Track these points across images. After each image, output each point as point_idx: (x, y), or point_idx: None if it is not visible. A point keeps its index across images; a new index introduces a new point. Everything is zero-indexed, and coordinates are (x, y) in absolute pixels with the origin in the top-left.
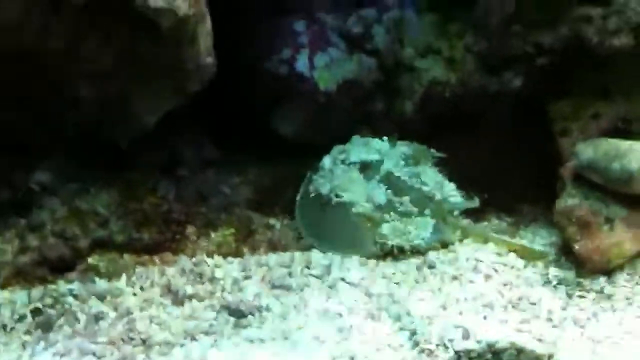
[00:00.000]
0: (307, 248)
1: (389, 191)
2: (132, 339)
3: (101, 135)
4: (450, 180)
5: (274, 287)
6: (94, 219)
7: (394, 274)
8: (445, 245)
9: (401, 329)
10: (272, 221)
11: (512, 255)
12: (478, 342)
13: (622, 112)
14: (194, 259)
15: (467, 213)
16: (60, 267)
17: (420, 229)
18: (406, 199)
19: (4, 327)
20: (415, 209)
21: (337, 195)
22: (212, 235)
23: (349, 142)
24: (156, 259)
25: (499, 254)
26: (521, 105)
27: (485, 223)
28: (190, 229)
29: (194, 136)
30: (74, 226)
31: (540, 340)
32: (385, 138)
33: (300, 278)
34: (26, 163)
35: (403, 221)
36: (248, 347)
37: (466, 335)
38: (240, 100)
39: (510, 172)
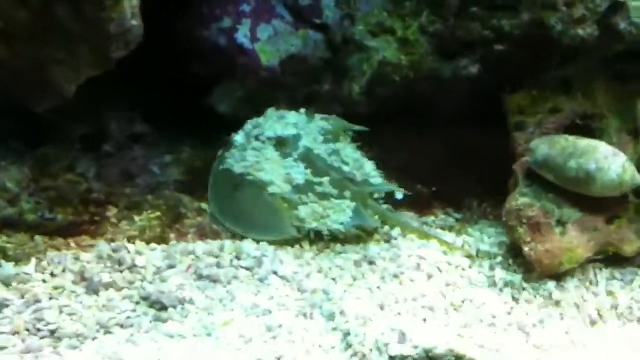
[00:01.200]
0: (240, 237)
1: (307, 170)
2: (39, 330)
3: (15, 102)
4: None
5: (200, 278)
6: (2, 196)
7: (330, 269)
8: (364, 230)
9: (334, 329)
10: (203, 205)
11: (458, 253)
12: (415, 347)
13: (583, 108)
14: (113, 245)
15: (413, 206)
16: None
17: (340, 213)
18: (326, 179)
19: None
20: (335, 191)
21: (250, 175)
22: (136, 218)
23: (263, 116)
24: (71, 242)
25: (444, 252)
26: (476, 94)
27: (432, 218)
28: (111, 211)
29: (121, 110)
30: None
31: (482, 346)
32: (302, 111)
33: (229, 269)
34: None
35: (322, 204)
36: (167, 343)
37: (402, 339)
38: (176, 72)
39: (462, 166)
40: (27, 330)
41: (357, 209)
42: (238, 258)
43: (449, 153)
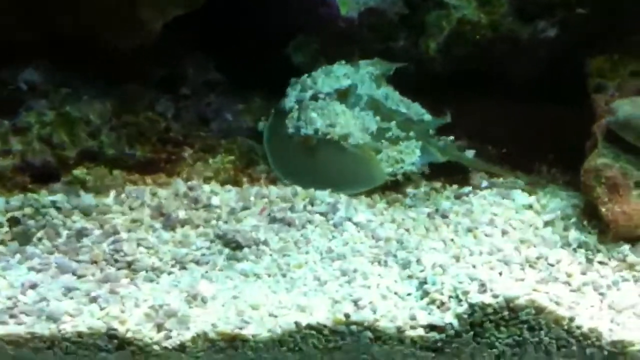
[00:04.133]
0: None
1: (376, 117)
2: (116, 260)
3: (101, 39)
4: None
5: (274, 221)
6: (84, 128)
7: (403, 219)
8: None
9: (410, 277)
10: None
11: (531, 212)
12: (495, 296)
13: None
14: (189, 183)
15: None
16: (43, 176)
17: (410, 154)
18: (392, 123)
19: None
20: (402, 133)
21: (326, 133)
22: (210, 160)
23: (305, 77)
24: (148, 178)
25: (516, 211)
26: (553, 58)
27: (501, 179)
28: (187, 152)
29: (198, 56)
30: (62, 133)
31: (557, 303)
32: (342, 62)
33: (302, 214)
34: (16, 61)
35: (394, 148)
36: (242, 281)
37: (482, 289)
38: (253, 21)
39: (534, 130)
40: (105, 260)
41: (423, 147)
42: (312, 204)
43: (521, 116)
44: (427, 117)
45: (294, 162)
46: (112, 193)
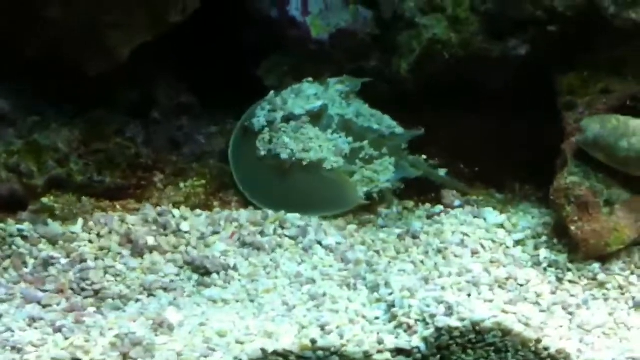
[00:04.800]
0: None
1: (349, 138)
2: (83, 289)
3: (68, 64)
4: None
5: (243, 245)
6: (52, 156)
7: (373, 241)
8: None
9: (378, 300)
10: None
11: (502, 231)
12: (461, 319)
13: (633, 90)
14: (158, 209)
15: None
16: (11, 205)
17: (385, 172)
18: (365, 142)
19: None
20: (375, 152)
21: (300, 158)
22: (181, 185)
23: (272, 96)
24: (117, 205)
25: (487, 230)
26: (525, 75)
27: (474, 198)
28: (157, 177)
29: (169, 79)
30: (30, 161)
31: (527, 324)
32: (310, 80)
33: (272, 238)
34: None
35: (368, 167)
36: (210, 308)
37: (449, 312)
38: (224, 44)
39: (507, 147)
40: (72, 289)
41: (397, 163)
42: (282, 227)
43: (493, 134)
44: (399, 129)
45: (265, 184)
46: (80, 221)
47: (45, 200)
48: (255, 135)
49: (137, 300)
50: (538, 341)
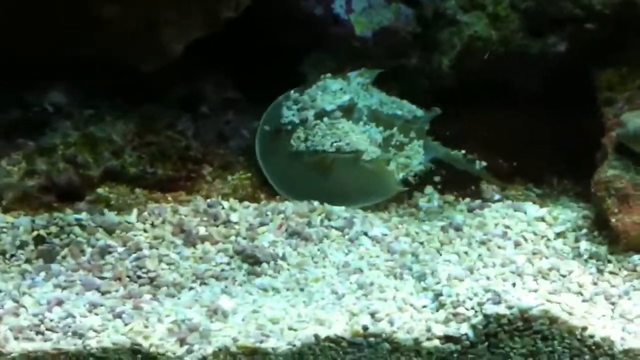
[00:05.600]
0: None
1: (379, 128)
2: (139, 277)
3: (123, 61)
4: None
5: (291, 236)
6: (107, 148)
7: (417, 233)
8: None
9: (425, 289)
10: None
11: (543, 224)
12: (509, 307)
13: None
14: (208, 200)
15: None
16: (68, 195)
17: (416, 156)
18: (395, 130)
19: (4, 253)
20: (405, 138)
21: (341, 151)
22: (229, 177)
23: (296, 94)
24: (169, 196)
25: (528, 223)
26: (563, 72)
27: (513, 192)
28: (206, 169)
29: (217, 74)
30: (86, 153)
31: (570, 313)
32: (328, 75)
33: (319, 229)
34: (40, 83)
35: (401, 154)
36: (261, 296)
37: (497, 300)
38: (268, 41)
39: (545, 142)
40: (128, 276)
41: (425, 145)
42: (328, 219)
43: (531, 129)
44: (419, 112)
45: (302, 181)
46: (135, 211)
47: (100, 190)
48: (286, 134)
49: (191, 288)
50: (584, 329)
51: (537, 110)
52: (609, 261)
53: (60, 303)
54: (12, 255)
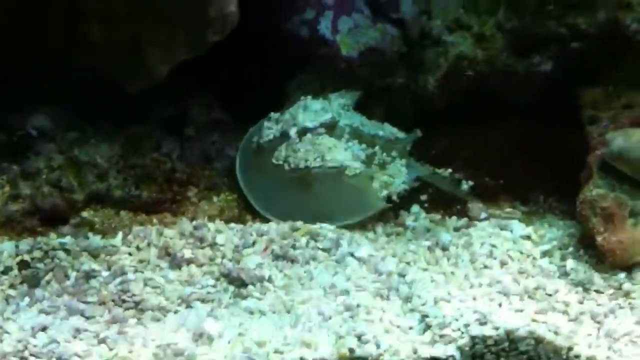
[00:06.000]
0: None
1: (362, 146)
2: (124, 301)
3: (108, 81)
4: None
5: (277, 258)
6: (92, 171)
7: (404, 253)
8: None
9: (412, 310)
10: None
11: (529, 243)
12: (495, 328)
13: None
14: (194, 222)
15: (480, 198)
16: (52, 219)
17: (399, 175)
18: (377, 148)
19: None
20: (387, 158)
21: (322, 166)
22: (215, 199)
23: (278, 114)
24: (154, 219)
25: (514, 242)
26: (549, 90)
27: (499, 211)
28: (192, 191)
29: (202, 95)
30: (71, 176)
31: (556, 333)
32: (309, 97)
33: (305, 251)
34: (24, 106)
35: (384, 172)
36: (247, 318)
37: (483, 321)
38: (254, 62)
39: (530, 161)
40: (113, 301)
41: (407, 164)
42: (314, 240)
43: (516, 147)
44: (401, 134)
45: (283, 199)
46: (120, 234)
47: (85, 214)
48: (268, 152)
49: (176, 312)
50: (570, 349)
51: (523, 128)
52: (595, 280)
53: (44, 328)
54: None
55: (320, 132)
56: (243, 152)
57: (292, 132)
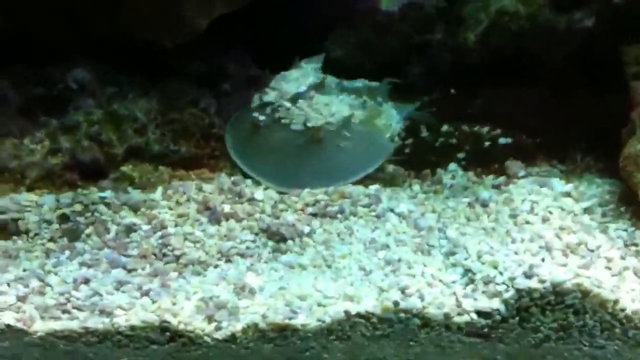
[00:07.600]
0: None
1: (352, 96)
2: (165, 254)
3: (144, 37)
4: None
5: (315, 215)
6: (131, 125)
7: (444, 209)
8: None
9: (454, 265)
10: None
11: (569, 200)
12: (542, 281)
13: None
14: (232, 178)
15: (517, 157)
16: (92, 173)
17: (389, 117)
18: (365, 97)
19: (27, 232)
20: (375, 103)
21: (329, 121)
22: None
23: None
24: (192, 174)
25: (554, 198)
26: (589, 48)
27: (537, 169)
28: None
29: (239, 51)
30: (110, 131)
31: (600, 287)
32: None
33: (344, 206)
34: (64, 60)
35: (380, 116)
36: (288, 273)
37: (529, 274)
38: (293, 17)
39: (569, 118)
40: (154, 254)
41: (396, 105)
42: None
43: (555, 106)
44: (374, 83)
45: (298, 166)
46: (159, 188)
47: (124, 168)
48: (265, 132)
49: (216, 266)
50: (616, 302)
51: (561, 87)
52: (637, 236)
53: (86, 281)
54: (36, 234)
55: (311, 94)
56: (235, 142)
57: (286, 102)
